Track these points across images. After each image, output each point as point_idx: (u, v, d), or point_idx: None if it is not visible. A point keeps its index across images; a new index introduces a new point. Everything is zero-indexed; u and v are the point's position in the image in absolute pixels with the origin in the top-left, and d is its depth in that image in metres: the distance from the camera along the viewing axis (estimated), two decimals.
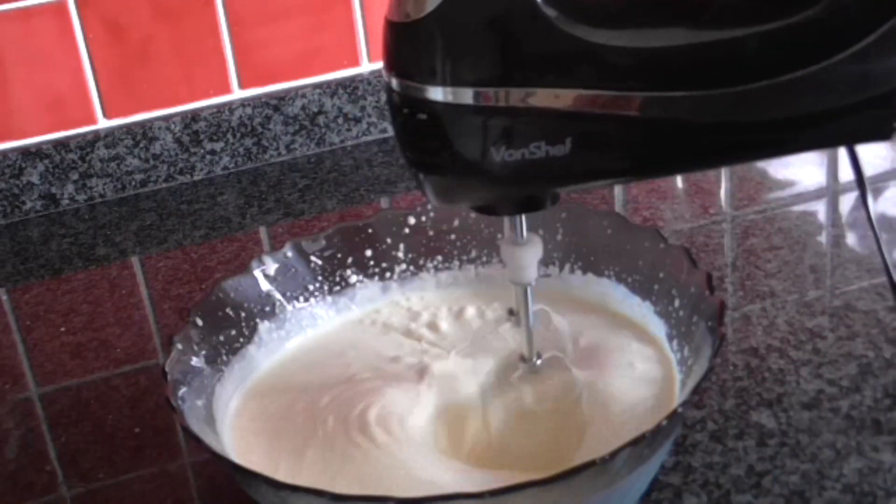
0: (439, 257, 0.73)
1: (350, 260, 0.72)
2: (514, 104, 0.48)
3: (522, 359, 0.61)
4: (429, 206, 0.73)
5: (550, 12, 0.47)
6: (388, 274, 0.72)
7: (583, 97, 0.49)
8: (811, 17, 0.49)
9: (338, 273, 0.71)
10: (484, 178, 0.51)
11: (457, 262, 0.73)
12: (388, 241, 0.72)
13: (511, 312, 0.61)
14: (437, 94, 0.48)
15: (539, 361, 0.61)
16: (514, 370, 0.62)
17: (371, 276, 0.72)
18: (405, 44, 0.49)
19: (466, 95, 0.48)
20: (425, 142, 0.50)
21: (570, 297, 0.70)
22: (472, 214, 0.72)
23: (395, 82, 0.50)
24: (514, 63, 0.48)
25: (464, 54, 0.48)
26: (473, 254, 0.73)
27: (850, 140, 0.55)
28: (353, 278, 0.72)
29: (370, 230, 0.72)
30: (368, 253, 0.72)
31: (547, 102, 0.48)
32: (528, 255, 0.58)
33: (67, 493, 0.65)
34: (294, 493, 0.50)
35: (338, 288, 0.71)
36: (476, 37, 0.48)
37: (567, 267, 0.71)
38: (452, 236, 0.73)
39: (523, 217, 0.57)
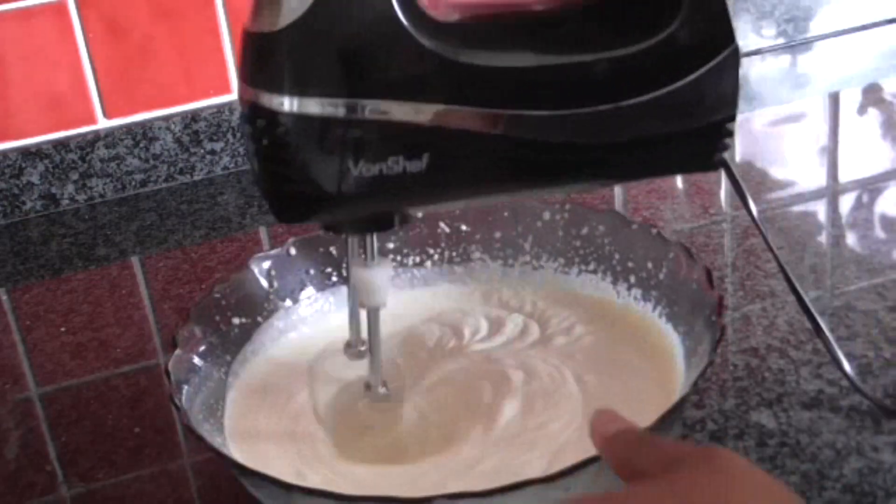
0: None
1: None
2: (372, 117, 0.48)
3: (367, 386, 0.60)
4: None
5: (411, 28, 0.48)
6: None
7: (440, 113, 0.49)
8: (651, 46, 0.51)
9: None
10: (337, 194, 0.50)
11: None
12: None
13: (349, 345, 0.60)
14: (291, 105, 0.48)
15: (383, 391, 0.60)
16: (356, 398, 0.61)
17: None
18: (264, 54, 0.49)
19: (326, 106, 0.48)
20: (276, 155, 0.49)
21: (570, 294, 0.70)
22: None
23: (249, 93, 0.49)
24: (372, 76, 0.48)
25: (323, 65, 0.48)
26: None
27: (681, 169, 0.60)
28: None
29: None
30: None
31: (404, 116, 0.49)
32: (379, 276, 0.57)
33: (67, 493, 0.65)
34: (302, 494, 0.50)
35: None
36: (337, 48, 0.48)
37: (567, 265, 0.71)
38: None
39: (374, 237, 0.56)
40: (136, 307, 0.85)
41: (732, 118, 0.54)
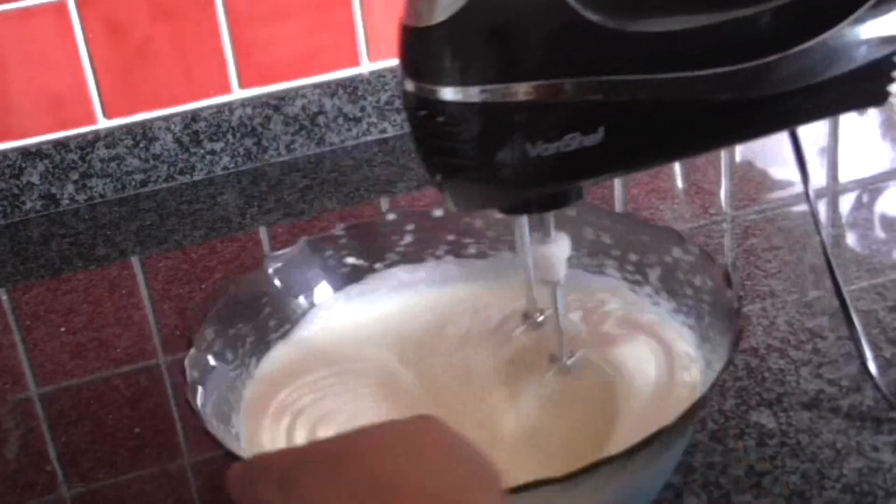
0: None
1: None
2: (544, 98, 0.48)
3: (553, 358, 0.61)
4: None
5: (574, 4, 0.47)
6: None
7: (612, 85, 0.49)
8: None
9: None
10: (514, 179, 0.50)
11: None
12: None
13: (526, 316, 0.61)
14: (459, 94, 0.48)
15: (570, 361, 0.61)
16: (540, 369, 0.62)
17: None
18: (428, 47, 0.49)
19: (495, 93, 0.48)
20: (447, 145, 0.50)
21: (587, 295, 0.70)
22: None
23: (412, 85, 0.49)
24: (540, 56, 0.48)
25: (490, 51, 0.48)
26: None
27: (849, 107, 0.58)
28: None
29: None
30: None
31: (576, 93, 0.48)
32: (557, 252, 0.57)
33: (67, 493, 0.65)
34: None
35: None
36: (503, 32, 0.47)
37: (584, 267, 0.70)
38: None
39: (551, 215, 0.56)
40: (136, 307, 0.85)
41: None
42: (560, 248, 0.57)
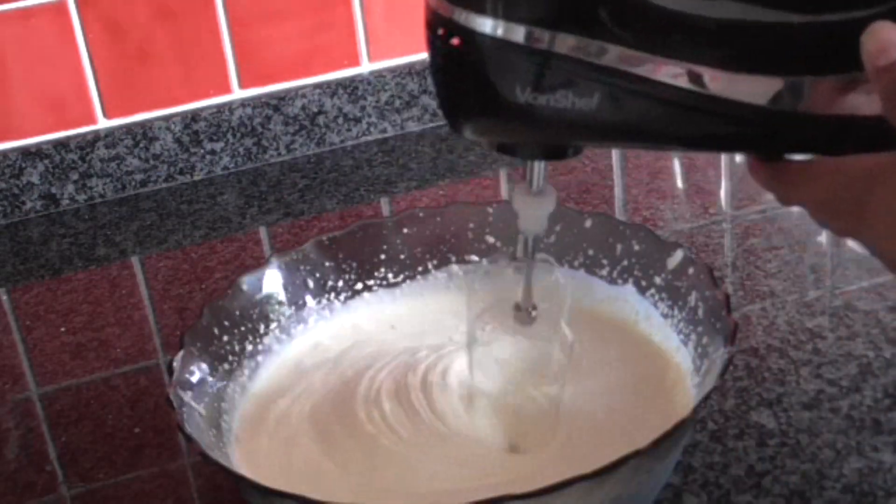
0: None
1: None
2: (558, 50, 0.48)
3: (517, 307, 0.60)
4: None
5: None
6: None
7: (626, 56, 0.48)
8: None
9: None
10: (511, 116, 0.50)
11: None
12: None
13: (518, 308, 0.60)
14: (485, 25, 0.48)
15: (534, 313, 0.60)
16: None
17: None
18: None
19: (516, 32, 0.47)
20: (458, 70, 0.50)
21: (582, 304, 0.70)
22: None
23: (444, 8, 0.49)
24: (571, 9, 0.47)
25: None
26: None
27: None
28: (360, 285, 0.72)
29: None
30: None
31: (590, 53, 0.48)
32: (543, 204, 0.57)
33: (67, 493, 0.65)
34: (282, 499, 0.50)
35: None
36: None
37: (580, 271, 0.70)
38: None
39: (543, 165, 0.56)
40: (136, 307, 0.85)
41: None
42: (547, 200, 0.57)
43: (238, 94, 1.04)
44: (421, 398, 0.63)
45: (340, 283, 0.71)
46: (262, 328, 0.67)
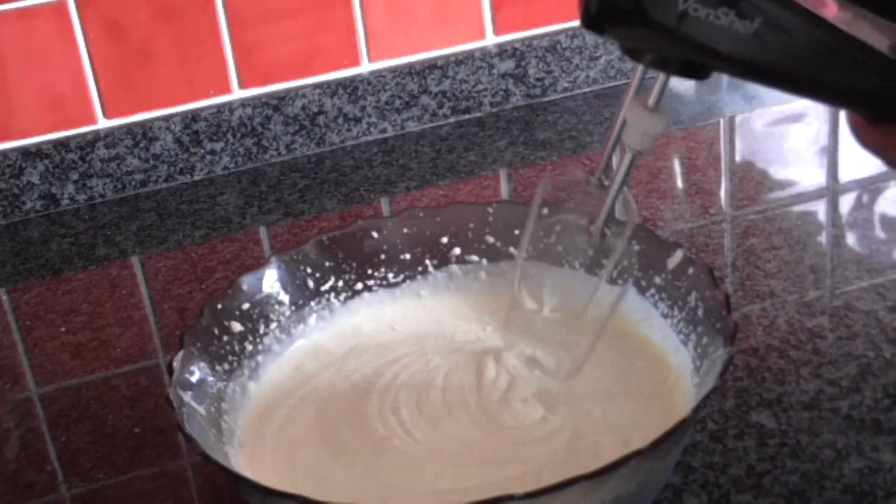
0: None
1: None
2: None
3: (588, 230, 0.58)
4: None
5: None
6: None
7: None
8: None
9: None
10: (668, 25, 0.47)
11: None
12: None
13: (588, 183, 0.58)
14: None
15: (608, 231, 0.58)
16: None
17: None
18: None
19: None
20: None
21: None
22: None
23: None
24: None
25: None
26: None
27: None
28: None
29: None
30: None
31: None
32: (655, 122, 0.54)
33: (67, 493, 0.65)
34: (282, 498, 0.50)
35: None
36: None
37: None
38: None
39: (668, 82, 0.53)
40: (136, 307, 0.85)
41: None
42: (660, 119, 0.54)
43: (238, 94, 1.04)
44: (439, 404, 0.63)
45: (340, 283, 0.71)
46: (262, 328, 0.67)
